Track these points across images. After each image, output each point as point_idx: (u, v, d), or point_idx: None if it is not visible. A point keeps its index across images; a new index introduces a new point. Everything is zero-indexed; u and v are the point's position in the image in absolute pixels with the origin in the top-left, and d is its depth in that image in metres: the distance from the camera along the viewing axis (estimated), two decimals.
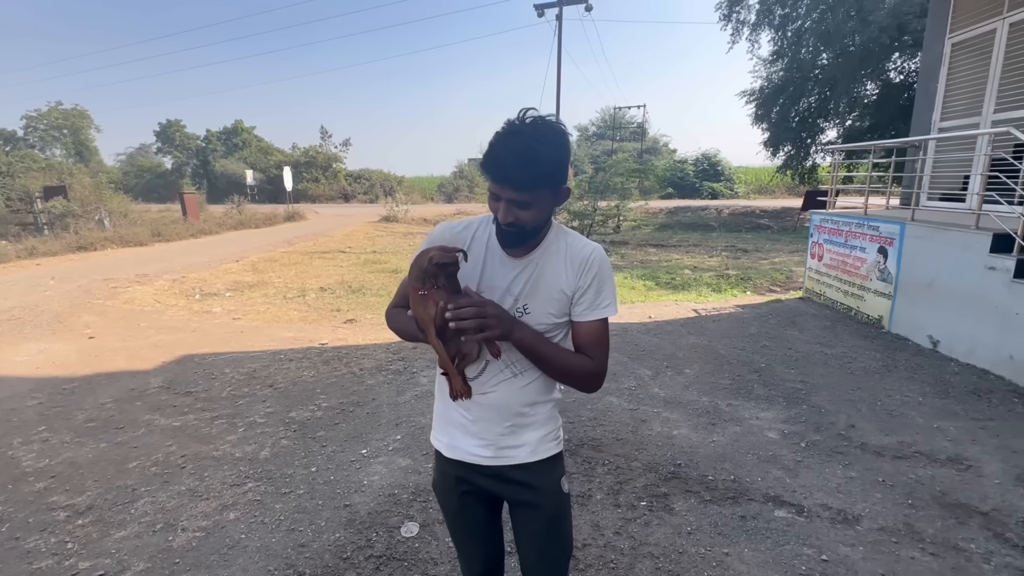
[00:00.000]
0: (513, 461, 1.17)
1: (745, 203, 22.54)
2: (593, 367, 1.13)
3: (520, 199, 1.00)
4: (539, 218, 1.05)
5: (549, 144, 0.98)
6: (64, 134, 38.11)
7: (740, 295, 7.08)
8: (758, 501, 2.44)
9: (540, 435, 1.18)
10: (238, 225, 17.45)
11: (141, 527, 2.29)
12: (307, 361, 4.45)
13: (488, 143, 1.01)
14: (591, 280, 1.11)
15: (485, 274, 1.14)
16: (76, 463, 2.84)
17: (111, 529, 2.28)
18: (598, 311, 1.12)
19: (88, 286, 7.46)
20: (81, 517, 2.37)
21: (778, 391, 3.71)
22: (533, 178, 0.98)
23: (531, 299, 1.12)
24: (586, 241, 1.16)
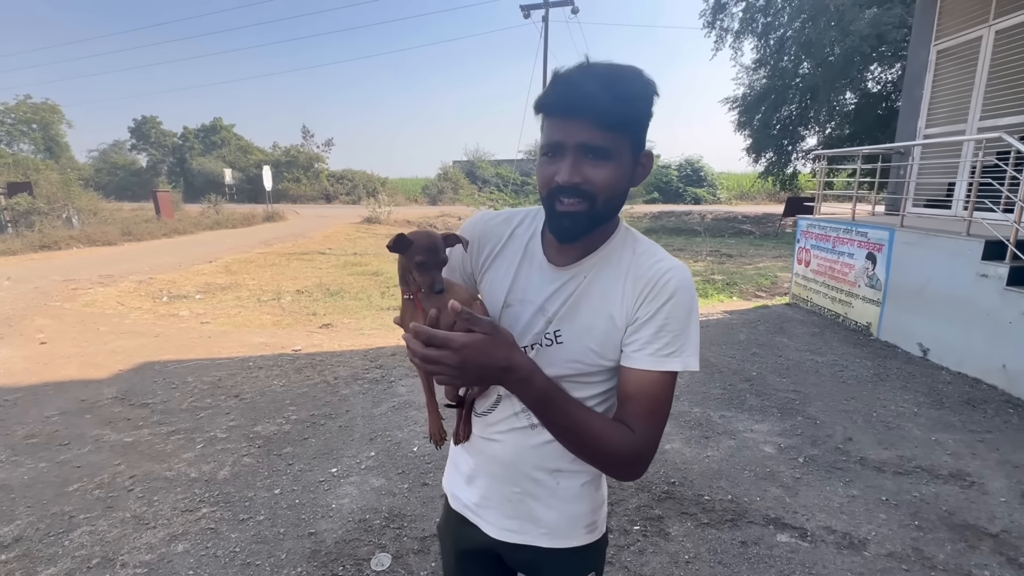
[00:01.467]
0: (519, 540, 0.89)
1: (728, 208, 22.76)
2: (631, 443, 0.75)
3: (598, 143, 0.71)
4: (616, 187, 0.75)
5: (640, 81, 0.72)
6: (33, 129, 36.69)
7: (727, 300, 7.00)
8: (758, 524, 2.28)
9: (564, 517, 0.87)
10: (214, 225, 16.91)
11: (74, 563, 2.02)
12: (278, 369, 4.18)
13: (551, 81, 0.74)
14: (656, 310, 0.77)
15: (517, 284, 0.86)
16: (8, 486, 2.55)
17: (39, 566, 2.00)
18: (659, 359, 0.76)
19: (46, 287, 7.03)
20: (5, 551, 2.08)
21: (771, 401, 3.58)
22: (621, 106, 0.70)
23: (566, 324, 0.81)
24: (665, 255, 0.82)
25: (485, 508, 0.91)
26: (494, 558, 0.96)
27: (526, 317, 0.84)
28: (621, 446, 0.74)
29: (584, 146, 0.72)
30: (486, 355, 0.66)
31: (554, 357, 0.82)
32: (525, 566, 0.94)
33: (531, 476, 0.86)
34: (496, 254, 0.90)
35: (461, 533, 0.96)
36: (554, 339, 0.82)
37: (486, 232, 0.92)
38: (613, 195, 0.76)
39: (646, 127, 0.77)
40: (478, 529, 0.93)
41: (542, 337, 0.83)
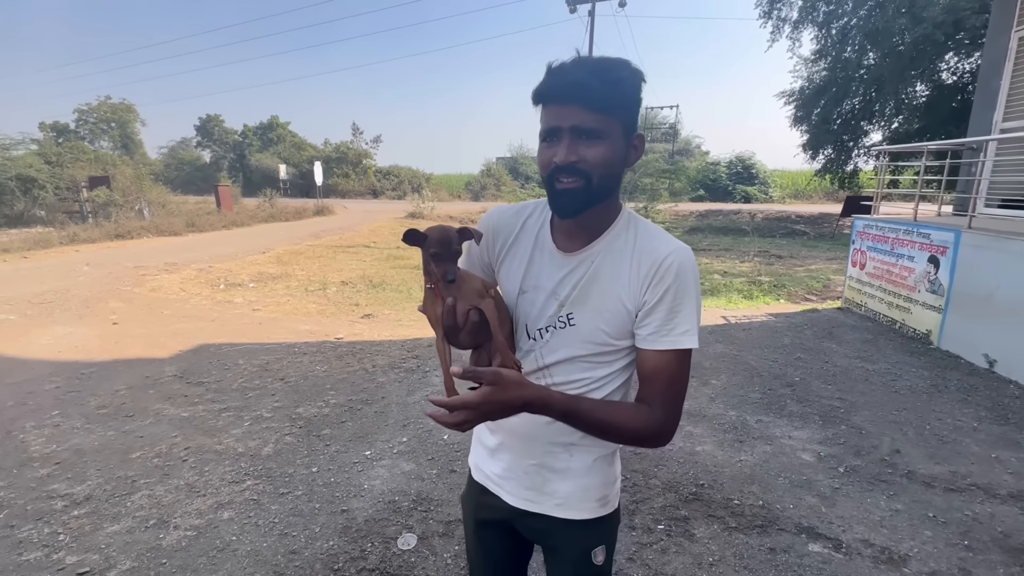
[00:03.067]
0: (535, 509, 0.95)
1: (780, 208, 21.75)
2: (653, 422, 0.82)
3: (590, 125, 0.77)
4: (610, 164, 0.80)
5: (624, 65, 0.79)
6: (112, 127, 39.78)
7: (773, 303, 6.73)
8: (790, 532, 2.21)
9: (576, 489, 0.93)
10: (269, 218, 17.79)
11: (134, 522, 2.22)
12: (320, 355, 4.39)
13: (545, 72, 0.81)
14: (662, 293, 0.82)
15: (531, 271, 0.92)
16: (82, 450, 2.82)
17: (104, 522, 2.22)
18: (670, 339, 0.82)
19: (119, 273, 7.65)
20: (78, 508, 2.32)
21: (814, 408, 3.43)
22: (609, 89, 0.77)
23: (578, 307, 0.87)
24: (666, 237, 0.87)
25: (506, 479, 0.98)
26: (509, 530, 1.03)
27: (540, 302, 0.90)
28: (644, 428, 0.83)
29: (578, 128, 0.78)
30: (500, 403, 0.73)
31: (568, 339, 0.88)
32: (539, 536, 1.00)
33: (546, 450, 0.93)
34: (510, 244, 0.96)
35: (482, 502, 1.03)
36: (567, 322, 0.88)
37: (500, 224, 0.98)
38: (607, 172, 0.81)
39: (636, 111, 0.83)
40: (498, 498, 1.00)
41: (556, 320, 0.88)
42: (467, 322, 0.81)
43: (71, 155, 19.05)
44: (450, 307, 0.79)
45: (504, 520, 1.01)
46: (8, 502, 2.35)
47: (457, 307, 0.80)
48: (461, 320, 0.80)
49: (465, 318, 0.81)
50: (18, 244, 10.26)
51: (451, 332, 0.82)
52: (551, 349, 0.90)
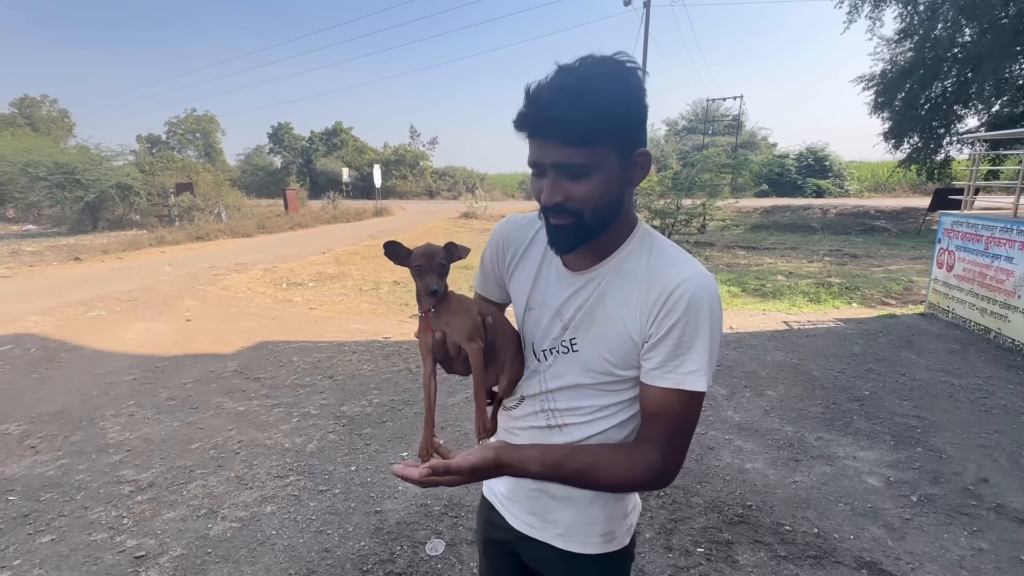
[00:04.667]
0: (537, 535, 0.91)
1: (857, 202, 20.08)
2: (649, 469, 0.75)
3: (572, 161, 0.68)
4: (603, 197, 0.72)
5: (612, 77, 0.68)
6: (197, 137, 43.46)
7: (843, 307, 6.20)
8: (848, 566, 2.00)
9: (578, 520, 0.87)
10: (331, 220, 18.70)
11: (188, 510, 2.38)
12: (368, 354, 4.52)
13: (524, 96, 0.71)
14: (670, 327, 0.73)
15: (537, 287, 0.87)
16: (150, 439, 3.06)
17: (163, 509, 2.39)
18: (674, 376, 0.74)
19: (196, 273, 8.30)
20: (141, 493, 2.51)
21: (885, 427, 3.11)
22: (591, 122, 0.66)
23: (582, 332, 0.81)
24: (682, 262, 0.76)
25: (511, 500, 0.95)
26: (512, 554, 0.99)
27: (545, 321, 0.85)
28: (640, 476, 0.76)
29: (560, 165, 0.70)
30: (483, 472, 0.73)
31: (571, 365, 0.82)
32: (541, 565, 0.95)
33: None
34: (520, 257, 0.91)
35: (490, 519, 1.00)
36: (570, 347, 0.82)
37: (510, 235, 0.93)
38: (600, 206, 0.73)
39: (633, 128, 0.71)
40: (503, 518, 0.96)
41: (559, 344, 0.83)
42: (459, 354, 0.80)
43: (161, 164, 20.97)
44: (439, 341, 0.78)
45: (508, 542, 0.97)
46: (85, 484, 2.59)
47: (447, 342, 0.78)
48: (453, 352, 0.80)
49: (457, 351, 0.80)
50: (115, 246, 11.40)
51: (445, 362, 0.82)
52: (554, 374, 0.85)
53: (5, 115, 35.77)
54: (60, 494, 2.51)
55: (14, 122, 33.95)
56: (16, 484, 2.60)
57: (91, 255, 10.33)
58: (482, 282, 0.99)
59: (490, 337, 0.84)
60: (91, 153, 17.54)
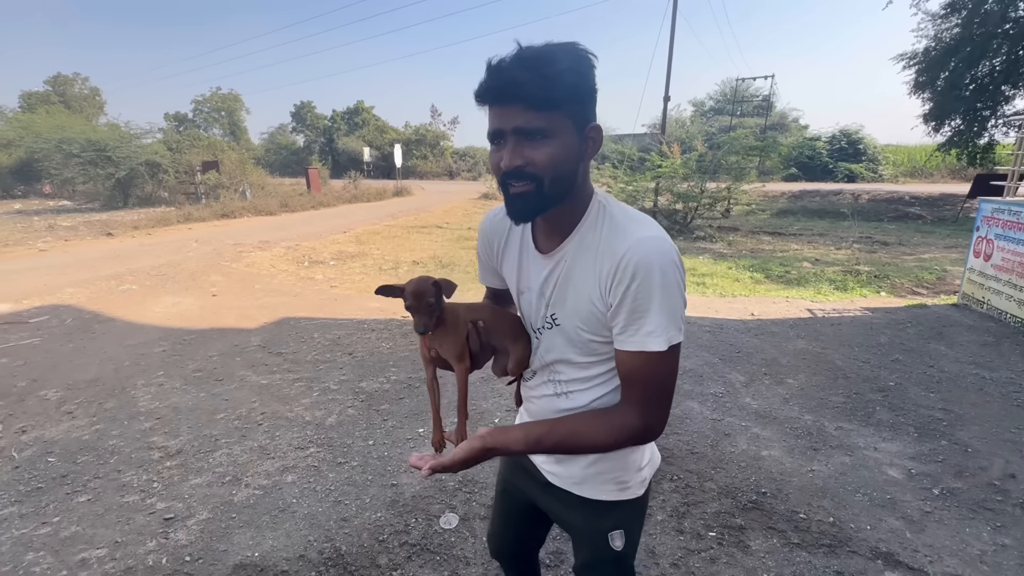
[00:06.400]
0: (557, 483, 1.01)
1: (891, 188, 19.32)
2: (636, 426, 0.81)
3: (533, 125, 0.73)
4: (562, 163, 0.76)
5: (565, 51, 0.74)
6: (222, 115, 44.05)
7: (871, 296, 6.02)
8: (863, 555, 1.98)
9: (590, 472, 0.95)
10: (352, 199, 18.86)
11: (213, 477, 2.47)
12: (387, 332, 4.59)
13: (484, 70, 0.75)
14: (623, 294, 0.76)
15: (522, 273, 0.95)
16: (178, 408, 3.18)
17: (190, 475, 2.49)
18: (636, 339, 0.77)
19: (221, 249, 8.50)
20: (170, 460, 2.62)
21: (909, 418, 3.04)
22: (550, 87, 0.71)
23: (559, 308, 0.87)
24: (631, 229, 0.79)
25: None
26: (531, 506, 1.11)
27: (533, 302, 0.93)
28: (620, 436, 0.82)
29: (521, 130, 0.74)
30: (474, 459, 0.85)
31: (557, 339, 0.90)
32: (560, 513, 1.05)
33: None
34: (503, 247, 0.99)
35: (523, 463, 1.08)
36: (552, 323, 0.90)
37: (491, 229, 1.01)
38: (560, 173, 0.77)
39: (587, 101, 0.77)
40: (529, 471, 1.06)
41: (544, 321, 0.91)
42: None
43: (188, 142, 21.32)
44: (436, 357, 0.92)
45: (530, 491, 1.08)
46: (118, 449, 2.71)
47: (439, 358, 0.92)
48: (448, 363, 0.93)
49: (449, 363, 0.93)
50: (145, 222, 11.73)
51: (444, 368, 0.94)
52: (547, 348, 0.93)
53: (40, 92, 36.77)
54: (95, 457, 2.64)
55: (48, 99, 34.88)
56: (55, 446, 2.74)
57: (122, 231, 10.65)
58: (484, 275, 1.09)
59: (484, 339, 0.96)
60: (121, 131, 17.94)
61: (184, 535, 2.08)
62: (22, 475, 2.48)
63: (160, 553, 1.98)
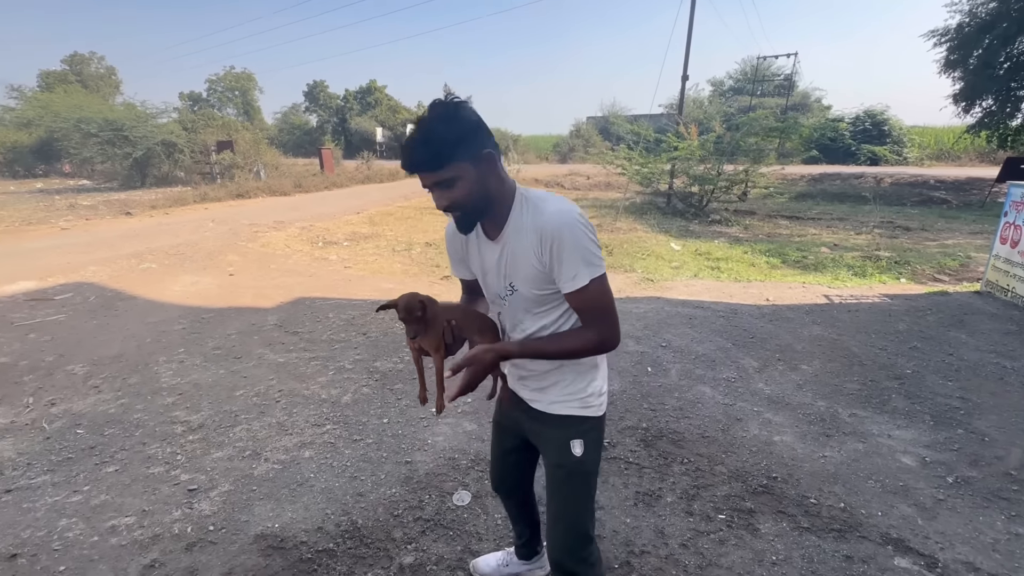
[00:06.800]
0: (536, 405, 1.29)
1: (916, 171, 18.74)
2: (593, 338, 1.12)
3: (440, 179, 1.02)
4: (474, 193, 1.05)
5: (439, 118, 1.00)
6: (235, 95, 43.95)
7: (891, 282, 5.91)
8: (873, 541, 1.99)
9: (561, 393, 1.25)
10: (365, 180, 18.86)
11: (234, 451, 2.55)
12: None
13: None
14: (550, 254, 1.07)
15: (483, 260, 1.22)
16: (199, 384, 3.27)
17: (211, 448, 2.57)
18: (570, 284, 1.07)
19: (237, 229, 8.59)
20: (192, 433, 2.71)
21: (925, 406, 3.00)
22: (436, 155, 1.00)
23: (513, 277, 1.16)
24: (544, 207, 1.08)
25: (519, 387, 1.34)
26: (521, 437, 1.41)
27: (494, 279, 1.21)
28: (588, 344, 1.13)
29: (435, 184, 1.04)
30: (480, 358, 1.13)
31: (517, 302, 1.19)
32: (537, 430, 1.32)
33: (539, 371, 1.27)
34: (466, 246, 1.27)
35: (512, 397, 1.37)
36: (512, 289, 1.17)
37: (452, 236, 1.29)
38: (475, 198, 1.06)
39: (470, 140, 1.02)
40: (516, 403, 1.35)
41: (505, 289, 1.19)
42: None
43: (203, 121, 21.38)
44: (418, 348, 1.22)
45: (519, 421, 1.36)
46: (142, 423, 2.80)
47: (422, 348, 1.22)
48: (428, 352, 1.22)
49: None
50: (162, 201, 11.88)
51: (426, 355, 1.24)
52: (512, 309, 1.22)
53: (57, 72, 37.02)
54: (121, 430, 2.73)
55: (66, 79, 35.15)
56: (83, 419, 2.84)
57: (141, 210, 10.81)
58: (455, 268, 1.37)
59: (457, 334, 1.23)
60: (137, 110, 18.05)
61: (207, 505, 2.15)
62: (53, 446, 2.58)
63: (185, 522, 2.06)
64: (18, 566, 1.84)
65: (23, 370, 3.45)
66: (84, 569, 1.83)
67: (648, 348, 3.84)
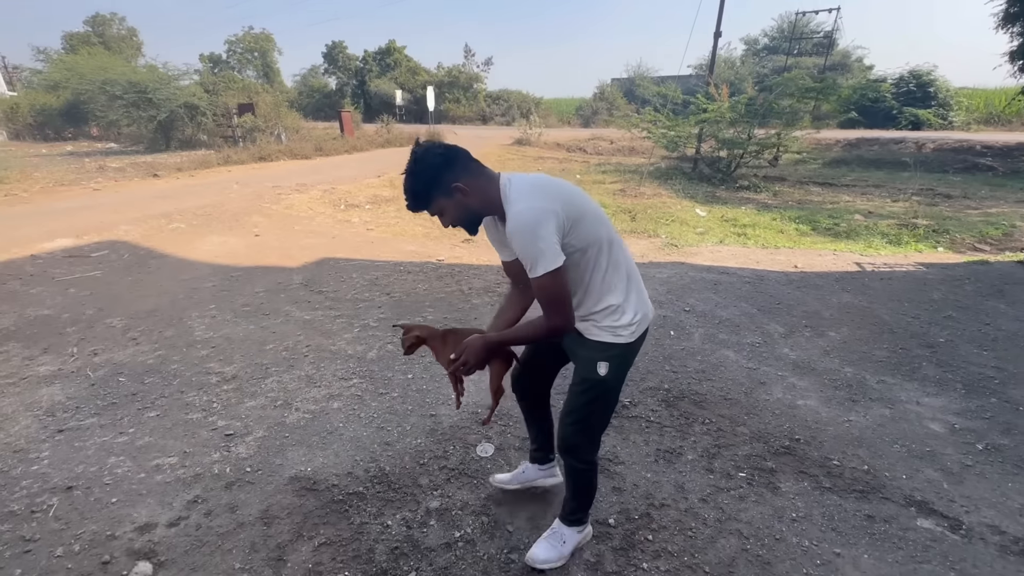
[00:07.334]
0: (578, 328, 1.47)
1: (960, 136, 17.71)
2: (544, 325, 1.34)
3: (432, 211, 1.35)
4: (460, 214, 1.35)
5: (413, 173, 1.29)
6: (255, 56, 43.56)
7: (927, 251, 5.69)
8: (896, 502, 1.98)
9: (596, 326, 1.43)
10: (385, 143, 18.70)
11: (266, 400, 2.65)
12: (423, 275, 4.67)
13: None
14: (514, 249, 1.29)
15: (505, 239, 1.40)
16: (231, 338, 3.38)
17: (245, 398, 2.68)
18: (530, 273, 1.27)
19: (261, 191, 8.68)
20: (227, 384, 2.82)
21: (957, 375, 2.93)
22: (417, 201, 1.32)
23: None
24: (509, 209, 1.27)
25: None
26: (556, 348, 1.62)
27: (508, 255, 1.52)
28: (540, 330, 1.36)
29: (430, 215, 1.36)
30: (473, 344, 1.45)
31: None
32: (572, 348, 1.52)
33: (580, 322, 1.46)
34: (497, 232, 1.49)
35: None
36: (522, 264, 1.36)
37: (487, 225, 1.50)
38: (463, 217, 1.37)
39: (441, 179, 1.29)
40: None
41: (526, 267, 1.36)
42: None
43: (224, 84, 21.30)
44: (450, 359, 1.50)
45: None
46: (179, 373, 2.93)
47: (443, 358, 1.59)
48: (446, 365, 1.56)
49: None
50: (187, 164, 12.01)
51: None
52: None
53: (80, 33, 37.08)
54: (160, 379, 2.86)
55: (88, 40, 35.21)
56: (124, 368, 2.98)
57: (167, 172, 10.97)
58: (501, 253, 1.56)
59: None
60: (160, 72, 18.03)
61: (244, 449, 2.26)
62: (98, 391, 2.72)
63: (224, 463, 2.17)
64: (74, 496, 1.97)
65: (66, 322, 3.61)
66: (134, 501, 1.95)
67: (671, 312, 3.81)
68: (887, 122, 21.76)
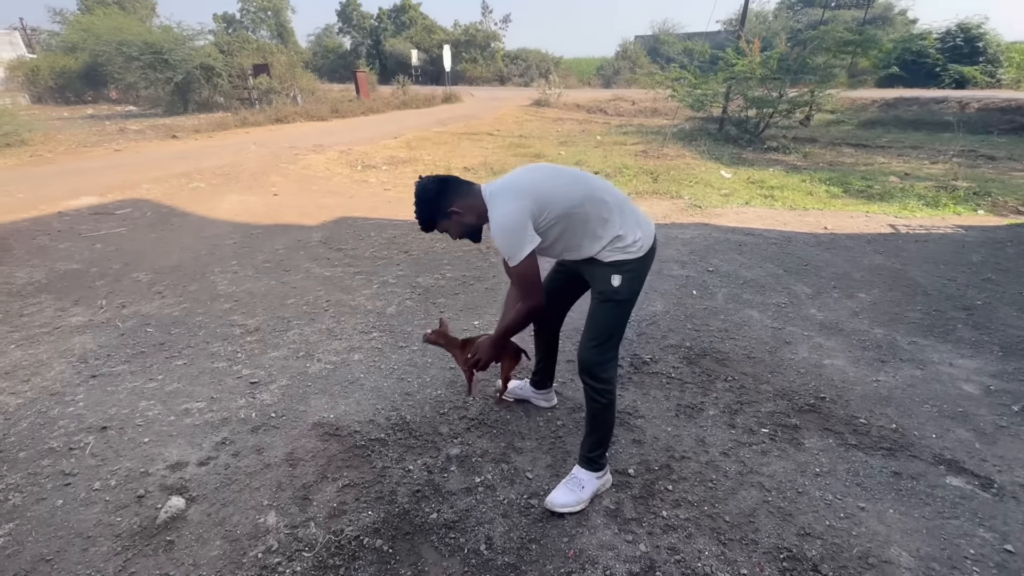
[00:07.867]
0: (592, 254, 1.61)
1: (1009, 95, 16.60)
2: (523, 309, 1.60)
3: (439, 232, 1.64)
4: (461, 231, 1.62)
5: (417, 203, 1.56)
6: (268, 16, 42.69)
7: (967, 213, 5.42)
8: (924, 460, 1.94)
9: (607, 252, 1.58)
10: (401, 105, 18.37)
11: (288, 351, 2.69)
12: (440, 234, 4.62)
13: None
14: (497, 247, 1.54)
15: None
16: (253, 293, 3.42)
17: (268, 349, 2.72)
18: (511, 263, 1.52)
19: (278, 152, 8.64)
20: (250, 336, 2.86)
21: (995, 337, 2.82)
22: (427, 227, 1.61)
23: None
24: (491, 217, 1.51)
25: None
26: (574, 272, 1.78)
27: None
28: (520, 314, 1.62)
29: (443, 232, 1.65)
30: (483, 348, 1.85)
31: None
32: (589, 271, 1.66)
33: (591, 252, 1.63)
34: None
35: None
36: None
37: None
38: (464, 232, 1.63)
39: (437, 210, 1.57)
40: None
41: None
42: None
43: (238, 44, 20.98)
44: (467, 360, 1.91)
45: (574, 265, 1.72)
46: (204, 325, 2.98)
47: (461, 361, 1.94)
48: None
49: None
50: (205, 126, 12.00)
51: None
52: None
53: None
54: (186, 330, 2.92)
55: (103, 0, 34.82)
56: (151, 320, 3.04)
57: (185, 134, 10.98)
58: None
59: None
60: (174, 32, 17.79)
61: (268, 396, 2.31)
62: (127, 341, 2.80)
63: (250, 409, 2.22)
64: (109, 436, 2.04)
65: (94, 276, 3.69)
66: (165, 441, 2.02)
67: (694, 272, 3.72)
68: (929, 80, 20.49)
